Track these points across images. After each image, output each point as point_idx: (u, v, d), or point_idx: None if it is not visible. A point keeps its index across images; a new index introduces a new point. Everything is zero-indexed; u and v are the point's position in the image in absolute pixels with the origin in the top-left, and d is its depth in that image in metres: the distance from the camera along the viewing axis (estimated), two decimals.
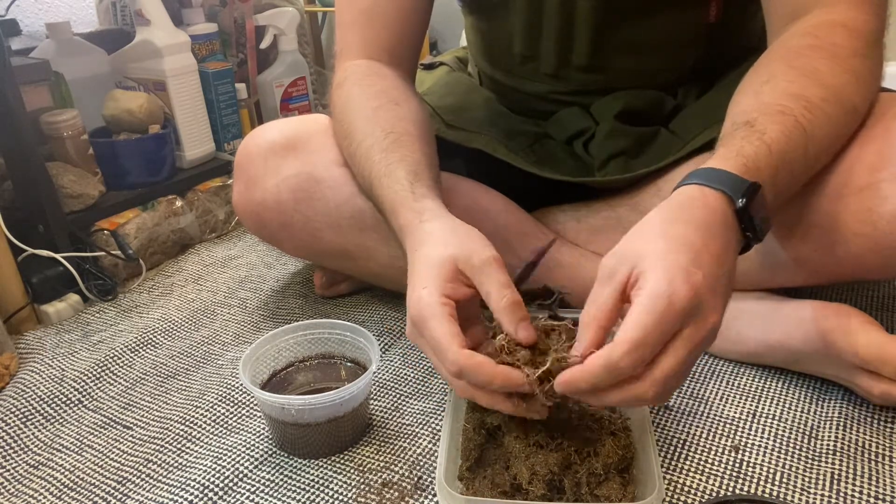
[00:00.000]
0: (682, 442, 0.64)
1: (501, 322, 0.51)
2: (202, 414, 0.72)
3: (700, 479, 0.59)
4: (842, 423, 0.64)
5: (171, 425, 0.71)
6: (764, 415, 0.66)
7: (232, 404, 0.74)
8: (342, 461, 0.64)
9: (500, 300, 0.51)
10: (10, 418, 0.73)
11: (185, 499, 0.60)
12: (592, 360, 0.44)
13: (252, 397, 0.74)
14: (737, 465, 0.61)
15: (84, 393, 0.77)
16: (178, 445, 0.68)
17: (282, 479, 0.62)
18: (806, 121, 0.53)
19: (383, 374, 0.77)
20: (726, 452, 0.62)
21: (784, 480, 0.58)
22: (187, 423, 0.71)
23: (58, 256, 0.93)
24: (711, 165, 0.51)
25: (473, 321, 0.56)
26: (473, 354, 0.49)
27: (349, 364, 0.72)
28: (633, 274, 0.46)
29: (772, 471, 0.60)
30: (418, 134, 0.68)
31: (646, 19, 0.74)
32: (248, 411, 0.72)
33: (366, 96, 0.71)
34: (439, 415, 0.70)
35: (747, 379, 0.72)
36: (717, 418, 0.66)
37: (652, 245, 0.46)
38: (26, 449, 0.69)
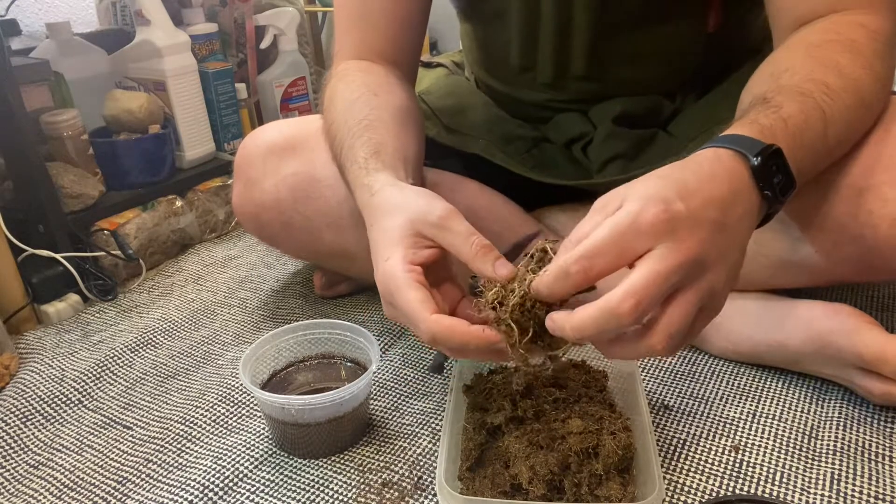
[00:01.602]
0: (682, 442, 0.64)
1: (477, 270, 0.48)
2: (202, 414, 0.72)
3: (700, 479, 0.59)
4: (842, 423, 0.64)
5: (171, 425, 0.71)
6: (764, 415, 0.66)
7: (232, 404, 0.74)
8: (342, 461, 0.64)
9: (469, 248, 0.48)
10: (10, 418, 0.73)
11: (185, 499, 0.60)
12: (550, 270, 0.43)
13: (252, 397, 0.74)
14: (737, 465, 0.61)
15: (84, 393, 0.77)
16: (178, 445, 0.68)
17: (282, 479, 0.62)
18: (825, 105, 0.52)
19: (383, 374, 0.77)
20: (726, 452, 0.62)
21: (784, 480, 0.58)
22: (187, 423, 0.71)
23: (58, 256, 0.93)
24: (726, 133, 0.49)
25: (446, 281, 0.54)
26: (443, 319, 0.47)
27: (349, 364, 0.72)
28: (619, 205, 0.44)
29: (772, 471, 0.60)
30: (392, 120, 0.66)
31: (643, 30, 0.74)
32: (248, 411, 0.72)
33: (348, 90, 0.70)
34: (439, 415, 0.70)
35: (747, 379, 0.72)
36: (717, 418, 0.66)
37: (643, 181, 0.45)
38: (26, 449, 0.69)
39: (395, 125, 0.66)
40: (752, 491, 0.58)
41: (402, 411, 0.71)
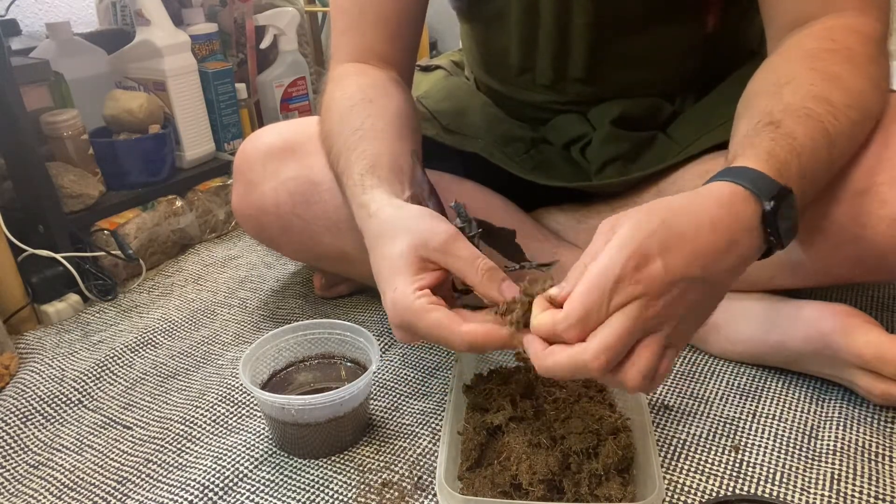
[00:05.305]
0: (682, 442, 0.64)
1: (485, 293, 0.50)
2: (202, 414, 0.72)
3: (700, 479, 0.59)
4: (842, 423, 0.64)
5: (171, 425, 0.71)
6: (764, 415, 0.66)
7: (232, 404, 0.74)
8: (342, 461, 0.64)
9: (476, 273, 0.50)
10: (10, 418, 0.73)
11: (185, 499, 0.60)
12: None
13: (252, 397, 0.74)
14: (737, 465, 0.61)
15: (84, 393, 0.77)
16: (178, 445, 0.68)
17: (282, 479, 0.62)
18: (832, 126, 0.52)
19: (383, 374, 0.77)
20: (726, 452, 0.62)
21: (784, 480, 0.59)
22: (187, 423, 0.71)
23: (58, 256, 0.93)
24: (743, 164, 0.48)
25: (448, 300, 0.54)
26: (476, 328, 0.48)
27: (349, 364, 0.72)
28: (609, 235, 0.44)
29: (772, 471, 0.60)
30: (388, 128, 0.66)
31: (642, 34, 0.74)
32: (248, 411, 0.72)
33: (344, 96, 0.70)
34: (439, 415, 0.70)
35: (747, 379, 0.72)
36: (717, 418, 0.66)
37: (637, 214, 0.44)
38: (26, 449, 0.69)
39: (390, 133, 0.65)
40: (752, 491, 0.58)
41: (402, 411, 0.71)
